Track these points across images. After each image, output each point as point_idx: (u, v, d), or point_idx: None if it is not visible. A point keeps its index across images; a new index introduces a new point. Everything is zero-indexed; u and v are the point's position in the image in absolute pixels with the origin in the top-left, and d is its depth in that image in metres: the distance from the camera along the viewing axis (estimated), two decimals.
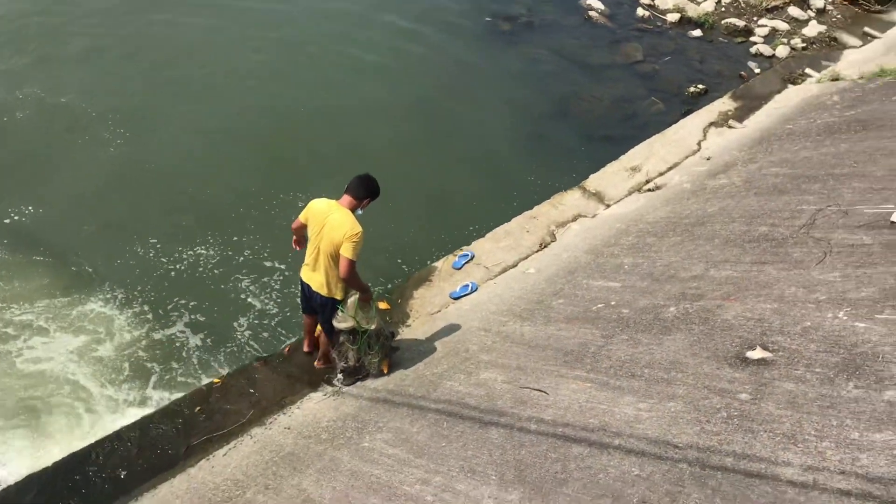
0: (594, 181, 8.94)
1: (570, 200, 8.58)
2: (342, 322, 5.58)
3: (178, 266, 8.09)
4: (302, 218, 5.47)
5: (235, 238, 8.43)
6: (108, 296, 7.69)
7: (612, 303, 6.02)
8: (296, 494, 4.66)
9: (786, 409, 3.99)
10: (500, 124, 10.86)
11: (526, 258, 7.65)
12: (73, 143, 9.62)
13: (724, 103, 10.50)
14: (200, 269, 8.07)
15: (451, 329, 6.44)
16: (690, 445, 3.96)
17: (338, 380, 6.03)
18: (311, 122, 10.46)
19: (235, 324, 7.48)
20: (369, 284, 5.60)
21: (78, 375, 6.88)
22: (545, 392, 5.00)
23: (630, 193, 8.71)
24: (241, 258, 8.19)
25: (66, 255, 8.12)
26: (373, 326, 5.66)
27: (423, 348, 6.27)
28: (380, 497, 4.37)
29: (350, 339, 5.72)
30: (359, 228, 5.15)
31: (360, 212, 5.36)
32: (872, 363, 4.12)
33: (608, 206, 8.54)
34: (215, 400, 5.93)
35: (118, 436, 5.57)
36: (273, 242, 8.34)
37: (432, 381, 5.61)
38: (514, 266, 7.52)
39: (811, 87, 10.67)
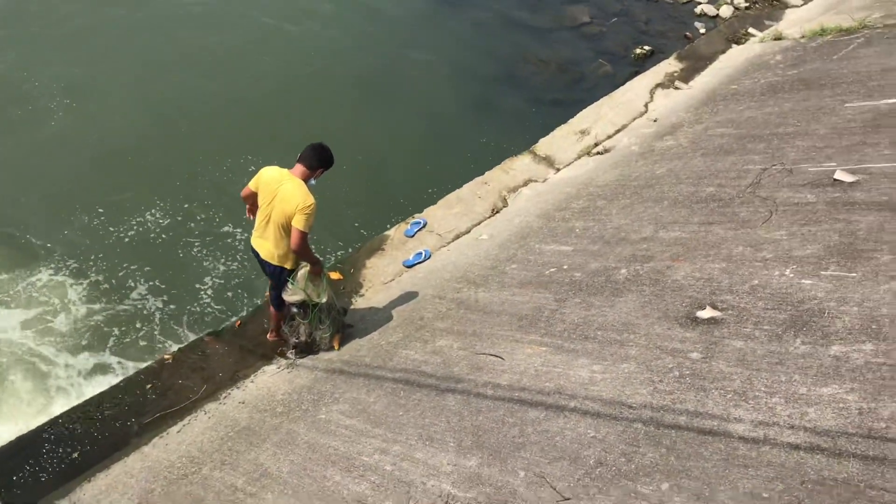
0: (544, 145, 8.94)
1: (521, 165, 8.57)
2: (292, 295, 5.49)
3: (129, 234, 8.01)
4: (252, 186, 5.30)
5: (186, 205, 8.35)
6: (59, 266, 7.57)
7: (565, 266, 6.06)
8: (253, 469, 4.63)
9: (736, 366, 4.08)
10: (448, 90, 10.77)
11: (478, 224, 7.64)
12: (13, 115, 9.36)
13: (670, 64, 10.55)
14: (153, 236, 8.03)
15: (406, 298, 6.42)
16: (644, 405, 4.03)
17: (291, 352, 5.98)
18: (257, 90, 10.26)
19: (193, 288, 7.44)
20: (320, 258, 5.53)
21: (30, 348, 6.74)
22: (501, 357, 5.03)
23: (580, 157, 8.74)
24: (194, 224, 8.11)
25: (12, 228, 7.93)
26: (324, 300, 5.58)
27: (377, 318, 6.24)
28: (338, 468, 4.36)
29: (301, 312, 5.66)
30: (311, 200, 5.02)
31: (313, 182, 5.22)
32: (819, 319, 4.22)
33: (558, 170, 8.55)
34: (167, 376, 5.83)
35: (69, 416, 5.45)
36: (225, 209, 8.25)
37: (388, 351, 5.59)
38: (467, 232, 7.51)
39: (754, 46, 10.78)
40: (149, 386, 5.71)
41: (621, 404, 4.10)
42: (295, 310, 5.65)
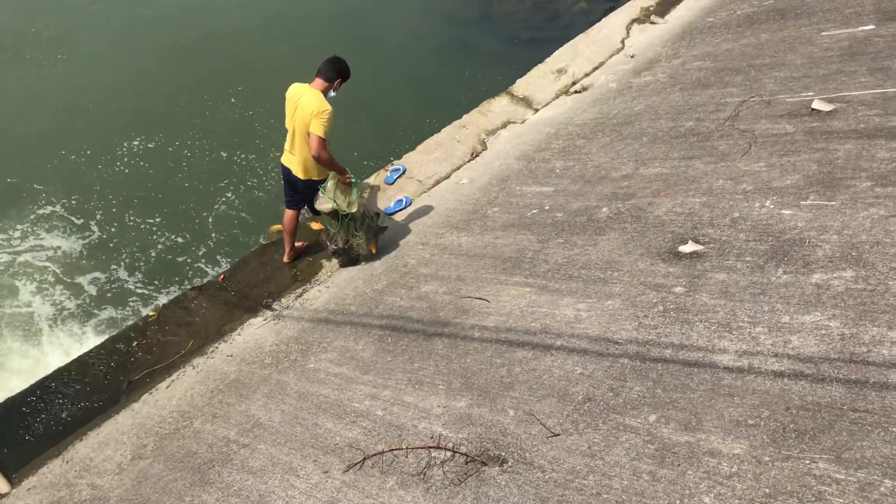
0: (521, 86, 8.85)
1: (499, 107, 8.50)
2: (323, 204, 5.78)
3: (126, 171, 8.07)
4: (286, 105, 5.67)
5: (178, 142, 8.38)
6: (49, 210, 7.60)
7: (546, 207, 6.05)
8: (244, 420, 4.66)
9: (719, 298, 4.12)
10: (422, 33, 10.62)
11: (458, 168, 7.60)
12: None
13: None
14: (143, 175, 8.08)
15: (389, 246, 6.41)
16: (630, 340, 4.07)
17: (336, 257, 6.29)
18: (235, 38, 10.15)
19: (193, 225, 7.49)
20: (345, 167, 5.79)
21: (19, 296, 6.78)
22: (486, 300, 5.05)
23: (558, 96, 8.66)
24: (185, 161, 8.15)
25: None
26: (354, 209, 5.82)
27: (361, 266, 6.23)
28: (329, 415, 4.40)
29: (334, 221, 5.95)
30: (327, 106, 5.36)
31: (332, 93, 5.58)
32: (800, 248, 4.26)
33: (537, 110, 8.49)
34: (153, 333, 5.82)
35: (56, 376, 5.45)
36: (211, 148, 8.29)
37: (374, 299, 5.60)
38: (448, 177, 7.47)
39: None
40: (134, 344, 5.70)
41: (607, 340, 4.14)
42: (328, 218, 6.04)
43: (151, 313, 6.04)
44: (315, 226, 6.76)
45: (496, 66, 9.85)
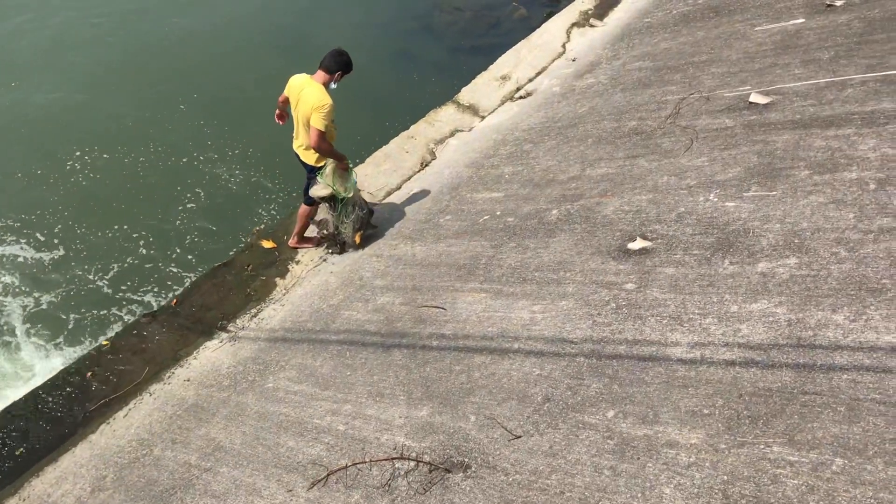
0: (467, 94, 8.91)
1: (446, 116, 8.54)
2: (320, 190, 6.00)
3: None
4: (285, 93, 5.93)
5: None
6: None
7: (498, 213, 6.10)
8: (205, 444, 4.59)
9: (669, 292, 4.20)
10: (365, 46, 10.63)
11: (409, 179, 7.61)
12: None
13: (584, 2, 10.57)
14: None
15: (342, 259, 6.39)
16: (585, 339, 4.12)
17: (325, 250, 6.58)
18: (182, 48, 10.12)
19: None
20: (344, 154, 5.97)
21: None
22: (443, 308, 5.06)
23: (503, 102, 8.74)
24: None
25: None
26: (350, 194, 6.08)
27: (316, 282, 6.20)
28: (291, 434, 4.37)
29: (329, 206, 6.19)
30: (328, 100, 5.56)
31: (333, 86, 5.77)
32: (744, 239, 4.36)
33: (483, 117, 8.55)
34: (107, 362, 5.71)
35: (9, 412, 5.31)
36: (165, 159, 8.28)
37: (330, 314, 5.58)
38: (398, 188, 7.48)
39: None
40: (89, 374, 5.59)
41: (563, 340, 4.19)
42: (323, 205, 6.23)
43: (105, 342, 5.92)
44: (267, 244, 6.70)
45: (441, 76, 9.91)
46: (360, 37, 10.76)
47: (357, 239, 6.38)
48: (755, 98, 5.97)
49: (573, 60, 9.10)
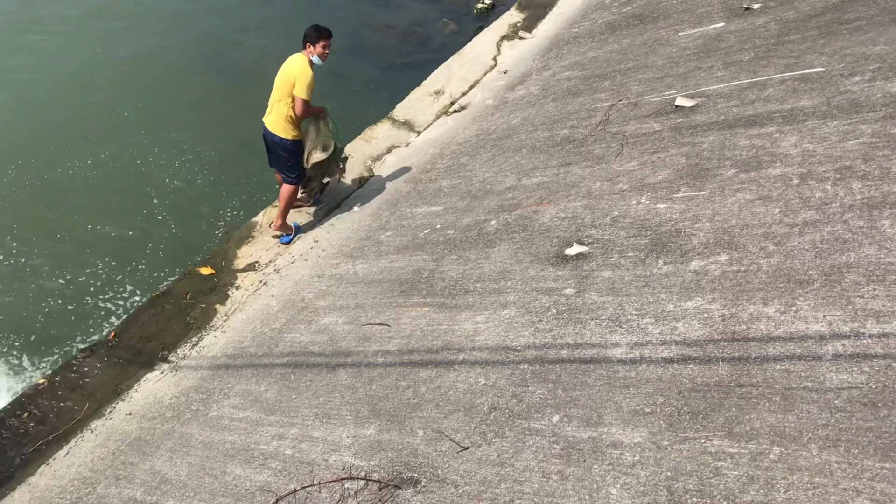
0: (401, 110, 8.94)
1: (382, 132, 8.55)
2: (318, 154, 6.48)
3: None
4: None
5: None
6: None
7: (438, 226, 6.12)
8: (150, 478, 4.49)
9: (607, 295, 4.26)
10: None
11: (348, 197, 7.59)
12: None
13: (512, 15, 10.73)
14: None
15: (283, 282, 6.33)
16: (528, 346, 4.16)
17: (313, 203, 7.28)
18: (86, 85, 9.86)
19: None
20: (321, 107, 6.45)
21: None
22: (387, 325, 5.05)
23: (438, 117, 8.80)
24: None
25: None
26: (341, 143, 6.72)
27: (257, 306, 6.13)
28: (238, 461, 4.30)
29: (322, 166, 6.70)
30: (307, 71, 6.02)
31: (315, 58, 6.12)
32: (676, 239, 4.46)
33: (419, 132, 8.59)
34: (45, 401, 5.54)
35: None
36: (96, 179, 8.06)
37: (272, 338, 5.52)
38: (338, 206, 7.45)
39: None
40: (26, 415, 5.41)
41: (507, 349, 4.22)
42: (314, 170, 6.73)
43: (41, 381, 5.75)
44: (205, 271, 6.60)
45: (375, 94, 9.93)
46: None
47: (342, 175, 7.15)
48: (681, 101, 6.12)
49: (505, 73, 9.21)
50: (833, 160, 4.52)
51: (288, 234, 6.96)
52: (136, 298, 7.26)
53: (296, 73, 6.04)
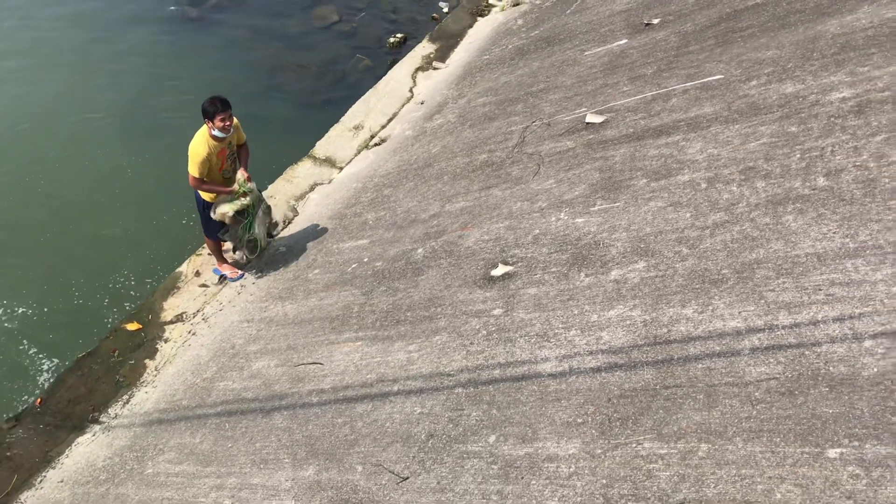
0: (322, 147, 8.95)
1: (303, 171, 8.54)
2: (221, 208, 6.29)
3: None
4: None
5: None
6: None
7: (365, 259, 6.13)
8: None
9: (534, 311, 4.33)
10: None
11: (273, 238, 7.53)
12: None
13: (425, 47, 10.88)
14: None
15: (212, 330, 6.23)
16: (461, 370, 4.18)
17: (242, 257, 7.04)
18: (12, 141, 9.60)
19: None
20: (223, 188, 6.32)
21: None
22: (320, 363, 5.02)
23: (359, 151, 8.83)
24: None
25: None
26: (248, 200, 6.39)
27: (187, 357, 6.01)
28: None
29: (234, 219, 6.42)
30: (192, 146, 5.96)
31: (215, 132, 5.87)
32: (596, 251, 4.56)
33: (341, 168, 8.60)
34: None
35: None
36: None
37: (204, 388, 5.42)
38: (265, 248, 7.38)
39: (497, 16, 11.35)
40: None
41: (440, 374, 4.23)
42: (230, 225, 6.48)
43: None
44: (131, 326, 6.45)
45: (294, 133, 9.89)
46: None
47: (264, 241, 6.88)
48: (591, 118, 6.29)
49: (422, 103, 9.32)
50: (737, 162, 4.70)
51: (226, 271, 7.00)
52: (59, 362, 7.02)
53: (189, 149, 6.03)
